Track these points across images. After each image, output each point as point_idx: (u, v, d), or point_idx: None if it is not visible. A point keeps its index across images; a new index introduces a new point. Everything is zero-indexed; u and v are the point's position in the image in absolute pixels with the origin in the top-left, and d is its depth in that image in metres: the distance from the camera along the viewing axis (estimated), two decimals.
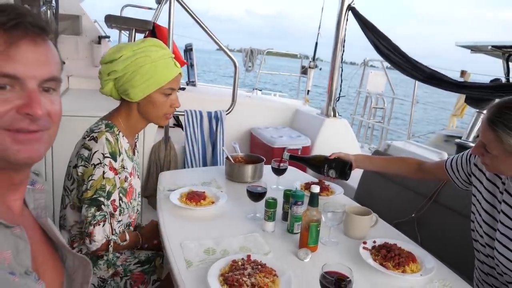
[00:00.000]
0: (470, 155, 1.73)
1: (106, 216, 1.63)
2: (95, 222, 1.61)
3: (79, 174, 1.63)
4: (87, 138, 1.64)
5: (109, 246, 1.68)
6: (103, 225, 1.62)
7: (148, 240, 1.89)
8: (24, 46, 0.76)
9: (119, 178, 1.71)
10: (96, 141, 1.62)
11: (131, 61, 1.65)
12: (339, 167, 2.03)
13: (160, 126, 3.61)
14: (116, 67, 1.66)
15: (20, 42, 0.75)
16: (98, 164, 1.60)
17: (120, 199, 1.74)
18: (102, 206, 1.62)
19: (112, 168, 1.64)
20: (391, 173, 2.17)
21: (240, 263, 1.45)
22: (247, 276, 1.36)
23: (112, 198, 1.66)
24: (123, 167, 1.73)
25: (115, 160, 1.65)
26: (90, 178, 1.61)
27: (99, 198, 1.61)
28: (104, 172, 1.61)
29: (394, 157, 2.18)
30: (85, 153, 1.62)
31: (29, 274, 0.77)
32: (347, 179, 2.06)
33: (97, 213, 1.61)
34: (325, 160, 2.05)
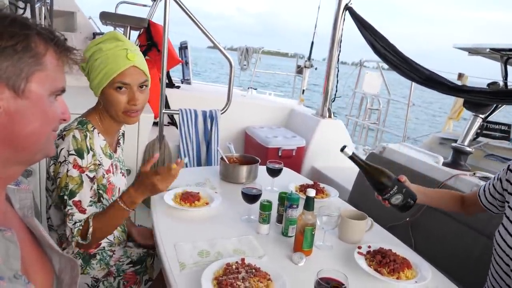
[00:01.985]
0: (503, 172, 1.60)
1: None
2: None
3: (51, 172, 1.60)
4: (58, 137, 1.59)
5: (68, 245, 1.62)
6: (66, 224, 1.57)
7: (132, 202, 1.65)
8: None
9: (92, 176, 1.62)
10: (63, 139, 1.56)
11: (90, 55, 1.60)
12: (407, 196, 1.66)
13: (154, 124, 3.60)
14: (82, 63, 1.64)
15: None
16: (63, 161, 1.55)
17: (101, 195, 1.70)
18: (66, 204, 1.56)
19: (76, 166, 1.56)
20: (440, 208, 1.92)
21: (234, 266, 1.43)
22: (241, 280, 1.34)
23: (75, 199, 1.56)
24: (98, 164, 1.66)
25: (82, 157, 1.57)
26: (57, 175, 1.56)
27: (63, 196, 1.56)
28: (67, 170, 1.55)
29: (441, 191, 1.91)
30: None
31: (18, 278, 0.76)
32: (403, 212, 1.73)
33: (65, 210, 1.57)
34: (396, 181, 1.66)
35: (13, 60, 0.77)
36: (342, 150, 1.66)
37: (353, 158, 1.68)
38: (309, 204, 1.61)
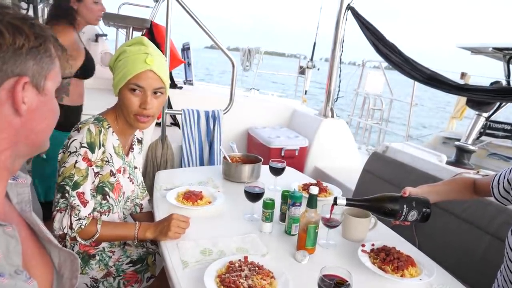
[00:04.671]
0: None
1: (68, 207, 1.58)
2: (58, 208, 1.58)
3: (58, 160, 1.62)
4: (72, 130, 1.63)
5: (65, 240, 1.60)
6: (63, 215, 1.57)
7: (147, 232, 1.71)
8: None
9: (96, 171, 1.64)
10: (79, 132, 1.60)
11: (116, 57, 1.67)
12: (421, 207, 1.61)
13: (157, 124, 3.60)
14: (110, 62, 1.70)
15: None
16: (73, 152, 1.57)
17: (107, 194, 1.71)
18: (66, 195, 1.57)
19: (86, 159, 1.59)
20: (453, 200, 1.90)
21: (237, 264, 1.43)
22: (244, 278, 1.34)
23: (79, 190, 1.59)
24: (107, 161, 1.67)
25: (92, 151, 1.60)
26: (63, 164, 1.58)
27: (65, 186, 1.57)
28: (76, 162, 1.57)
29: (452, 182, 1.80)
30: (66, 142, 1.62)
31: (19, 273, 0.76)
32: (426, 221, 1.65)
33: (61, 200, 1.58)
34: (402, 200, 1.62)
35: (37, 60, 0.81)
36: (335, 203, 1.61)
37: (350, 203, 1.65)
38: (312, 201, 1.61)
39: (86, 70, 2.54)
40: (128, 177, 1.84)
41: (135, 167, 1.94)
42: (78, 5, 2.47)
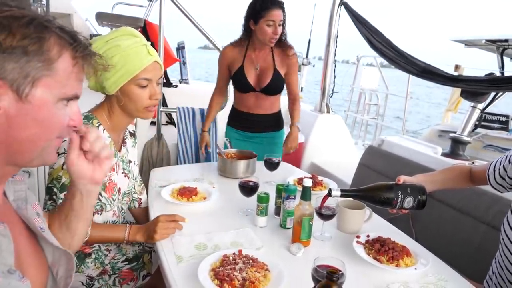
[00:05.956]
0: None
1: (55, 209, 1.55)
2: (45, 210, 1.53)
3: None
4: None
5: None
6: None
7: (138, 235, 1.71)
8: None
9: None
10: None
11: (103, 52, 1.56)
12: (416, 193, 1.60)
13: (152, 123, 3.59)
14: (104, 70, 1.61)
15: None
16: (62, 154, 1.52)
17: (99, 193, 1.66)
18: (54, 197, 1.53)
19: None
20: (449, 188, 1.87)
21: (231, 257, 1.43)
22: (238, 271, 1.34)
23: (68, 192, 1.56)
24: None
25: None
26: (52, 165, 1.54)
27: (53, 188, 1.53)
28: (64, 163, 1.52)
29: (448, 170, 1.80)
30: None
31: (12, 272, 0.75)
32: (423, 209, 1.63)
33: (49, 202, 1.54)
34: (396, 187, 1.61)
35: (21, 63, 0.74)
36: (329, 195, 1.59)
37: (345, 194, 1.63)
38: (305, 193, 1.60)
39: (236, 83, 2.94)
40: (122, 172, 1.80)
41: (130, 161, 1.90)
42: (255, 27, 2.70)
